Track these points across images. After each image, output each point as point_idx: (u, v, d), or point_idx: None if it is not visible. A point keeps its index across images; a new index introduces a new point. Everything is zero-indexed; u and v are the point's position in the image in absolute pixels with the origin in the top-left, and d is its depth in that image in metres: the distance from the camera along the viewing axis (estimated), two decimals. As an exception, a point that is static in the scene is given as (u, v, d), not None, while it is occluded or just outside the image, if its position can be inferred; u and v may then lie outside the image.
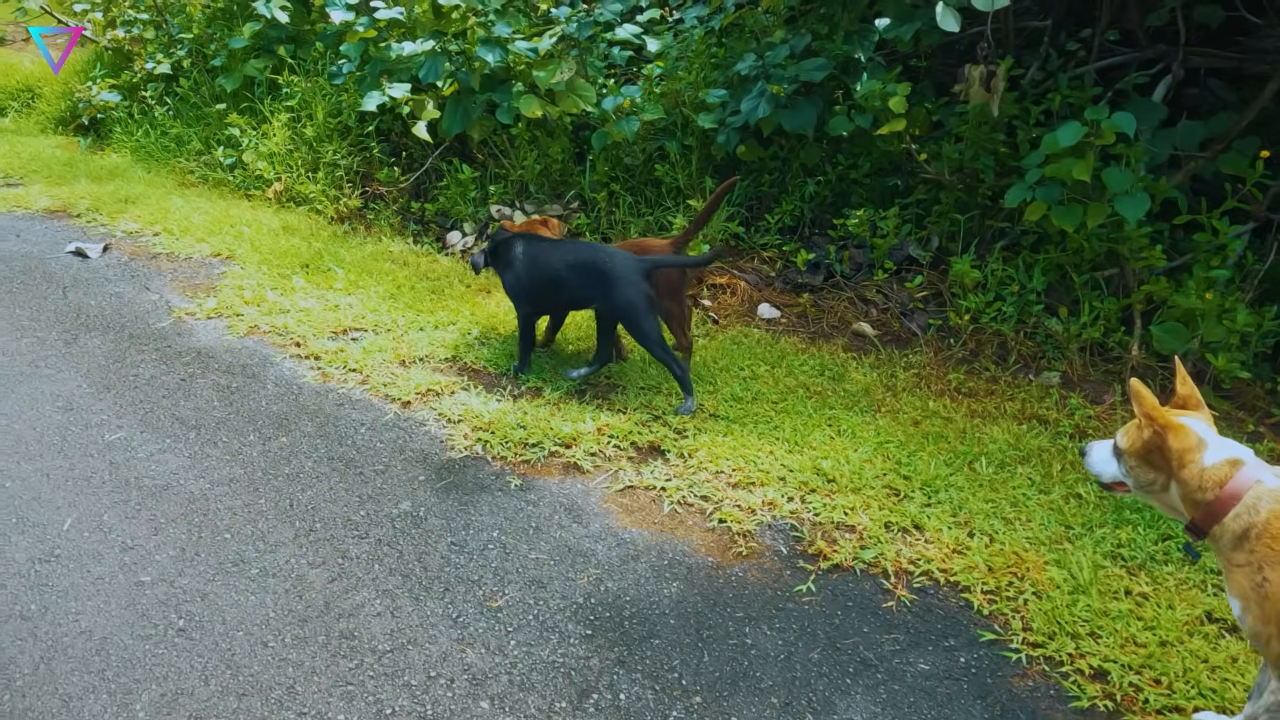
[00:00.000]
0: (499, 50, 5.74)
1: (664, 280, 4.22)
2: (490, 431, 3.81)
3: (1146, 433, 2.23)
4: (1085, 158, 4.40)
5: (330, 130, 6.87)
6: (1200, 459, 2.18)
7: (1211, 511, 2.16)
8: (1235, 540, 2.13)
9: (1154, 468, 2.26)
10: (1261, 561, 2.07)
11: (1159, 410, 2.22)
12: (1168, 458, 2.21)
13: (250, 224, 6.17)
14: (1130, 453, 2.29)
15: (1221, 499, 2.14)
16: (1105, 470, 2.40)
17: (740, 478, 3.56)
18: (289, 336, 4.63)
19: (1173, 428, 2.19)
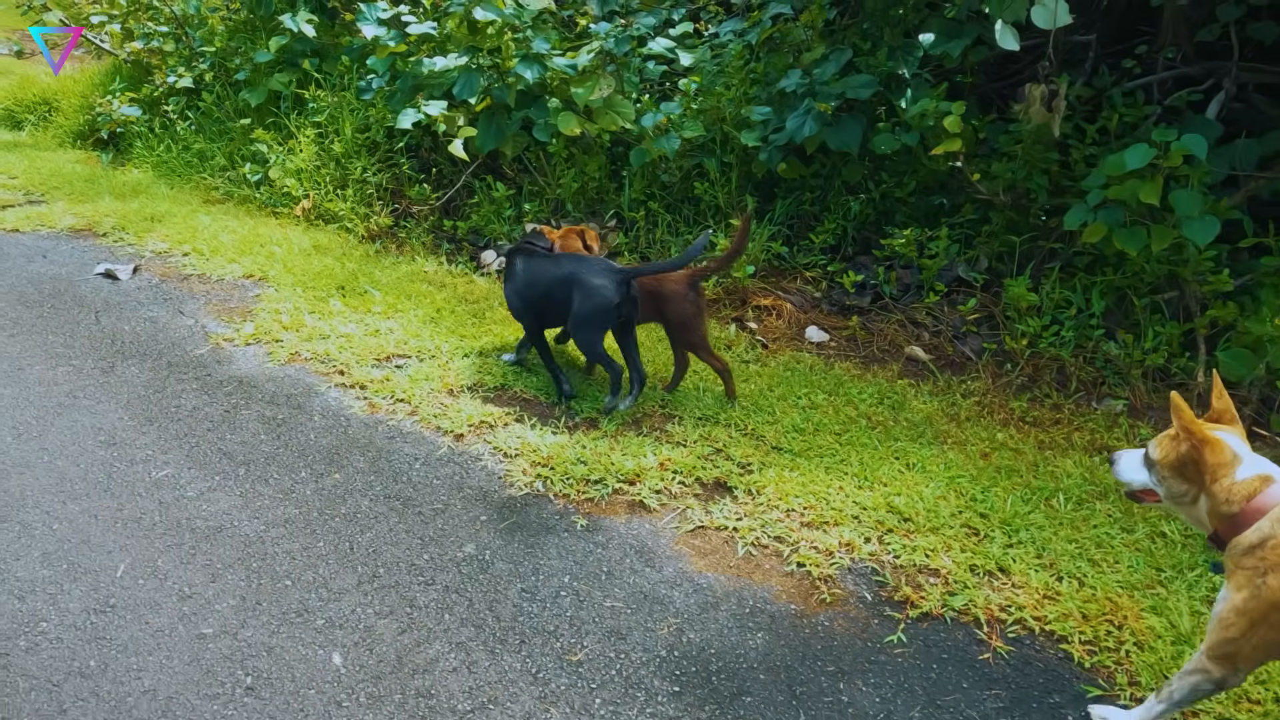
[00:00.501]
0: (538, 66, 5.62)
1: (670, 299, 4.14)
2: (550, 467, 3.68)
3: (1184, 446, 2.25)
4: (1153, 180, 4.28)
5: (358, 146, 6.75)
6: (1233, 474, 2.21)
7: (1235, 524, 2.19)
8: (1248, 548, 2.16)
9: (1187, 480, 2.28)
10: (1268, 567, 2.11)
11: (1197, 424, 2.24)
12: (1202, 471, 2.24)
13: (280, 243, 6.04)
14: (1164, 464, 2.31)
15: (1247, 512, 2.17)
16: (1135, 479, 2.42)
17: (813, 516, 3.43)
18: (332, 364, 4.50)
19: (1210, 442, 2.22)
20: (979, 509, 3.49)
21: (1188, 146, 4.19)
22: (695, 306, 4.15)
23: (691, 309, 4.14)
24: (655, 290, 4.19)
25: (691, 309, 4.14)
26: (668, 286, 4.17)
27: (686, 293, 4.14)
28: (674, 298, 4.15)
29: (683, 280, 4.16)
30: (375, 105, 6.75)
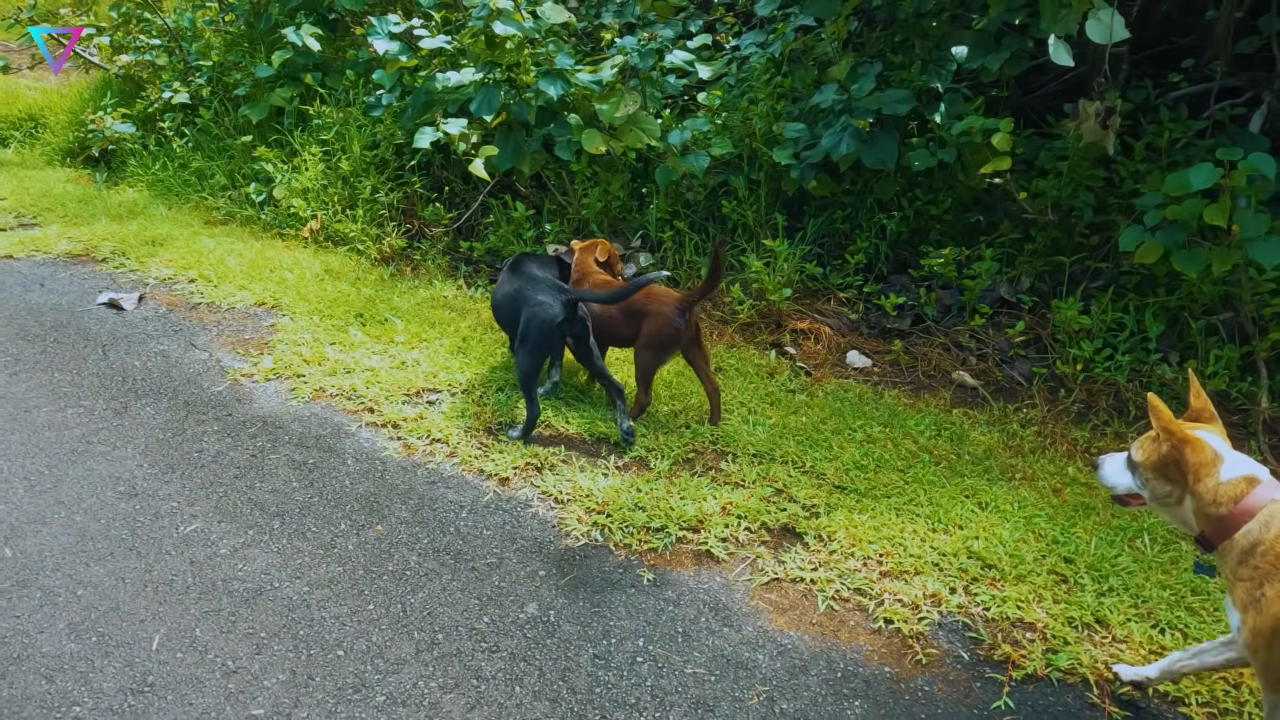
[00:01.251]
0: (561, 82, 5.40)
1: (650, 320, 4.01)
2: (606, 514, 3.46)
3: (1164, 446, 2.26)
4: (1219, 200, 4.12)
5: (366, 164, 6.50)
6: (1216, 473, 2.20)
7: (1224, 526, 2.18)
8: (1241, 555, 2.14)
9: (1170, 481, 2.28)
10: (1262, 577, 2.09)
11: (1176, 424, 2.25)
12: (1184, 471, 2.23)
13: (291, 268, 5.78)
14: (1146, 465, 2.31)
15: (1235, 514, 2.16)
16: (1119, 482, 2.42)
17: (891, 564, 3.23)
18: (360, 401, 4.26)
19: (1190, 441, 2.22)
20: (1062, 552, 3.31)
21: (1255, 166, 4.04)
22: (676, 331, 3.97)
23: (670, 332, 3.97)
24: (640, 310, 4.03)
25: (670, 332, 3.97)
26: (654, 306, 4.00)
27: (672, 316, 3.97)
28: (656, 316, 3.99)
29: (671, 303, 3.99)
30: (384, 121, 6.50)
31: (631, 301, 4.09)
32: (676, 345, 4.02)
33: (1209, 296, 4.62)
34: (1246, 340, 4.54)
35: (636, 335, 4.11)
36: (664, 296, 4.05)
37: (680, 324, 3.97)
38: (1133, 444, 2.40)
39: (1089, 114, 4.49)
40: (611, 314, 4.17)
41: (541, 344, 3.93)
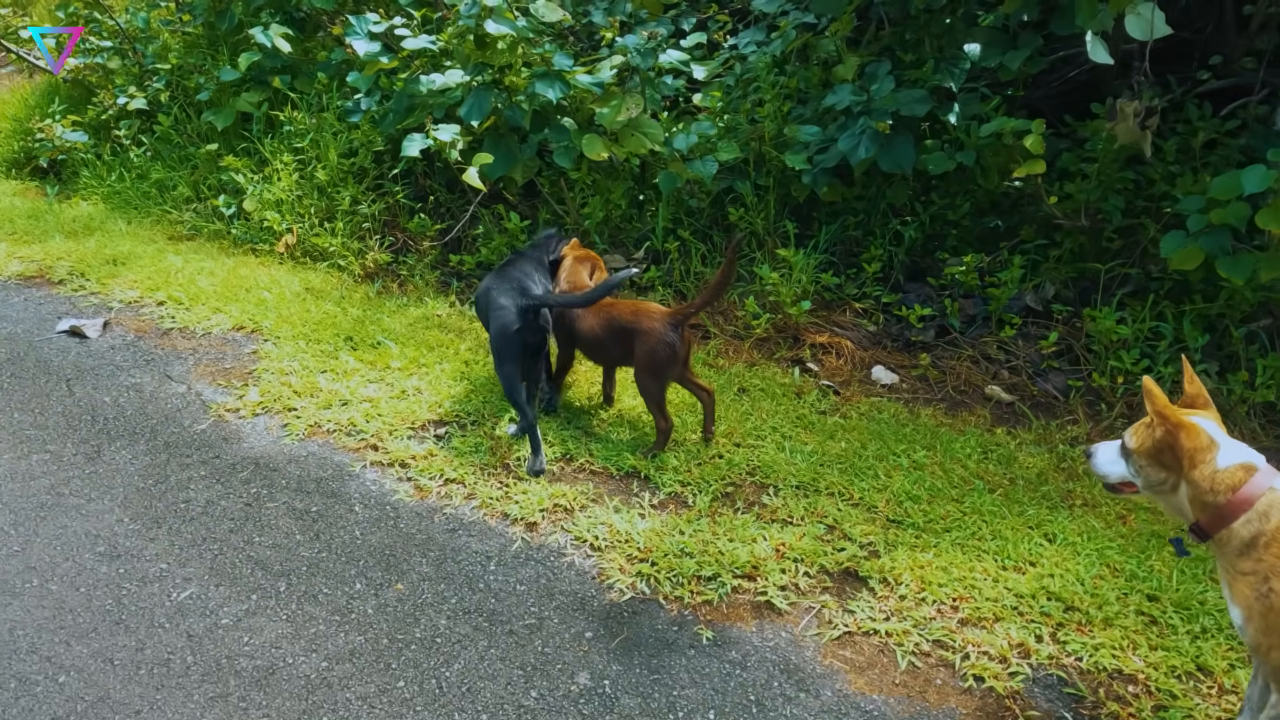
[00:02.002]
0: (560, 85, 5.06)
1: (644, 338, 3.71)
2: (651, 562, 3.14)
3: (1159, 431, 2.21)
4: (1272, 204, 3.92)
5: (344, 173, 6.09)
6: (1213, 460, 2.16)
7: (1221, 515, 2.13)
8: (1243, 547, 2.09)
9: (1164, 467, 2.24)
10: (1269, 571, 2.03)
11: (1171, 409, 2.19)
12: (1179, 457, 2.19)
13: (269, 286, 5.36)
14: (1140, 452, 2.28)
15: (1234, 503, 2.11)
16: (1112, 471, 2.38)
17: (969, 611, 2.96)
18: (361, 437, 3.89)
19: (1185, 427, 2.17)
20: (1144, 589, 3.07)
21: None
22: (671, 349, 3.68)
23: (665, 351, 3.67)
24: (629, 327, 3.73)
25: (665, 351, 3.67)
26: (644, 323, 3.71)
27: (664, 333, 3.68)
28: (648, 335, 3.69)
29: (662, 319, 3.70)
30: (360, 128, 6.10)
31: (618, 318, 3.81)
32: (675, 364, 3.73)
33: (1249, 303, 4.43)
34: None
35: (626, 355, 3.83)
36: (654, 312, 3.75)
37: (675, 340, 3.68)
38: (1126, 431, 2.36)
39: (1126, 114, 4.27)
40: (596, 333, 3.87)
41: (504, 352, 3.74)
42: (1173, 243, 4.26)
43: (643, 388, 3.80)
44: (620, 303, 3.97)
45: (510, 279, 3.98)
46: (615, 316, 3.85)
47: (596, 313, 3.92)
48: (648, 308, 3.81)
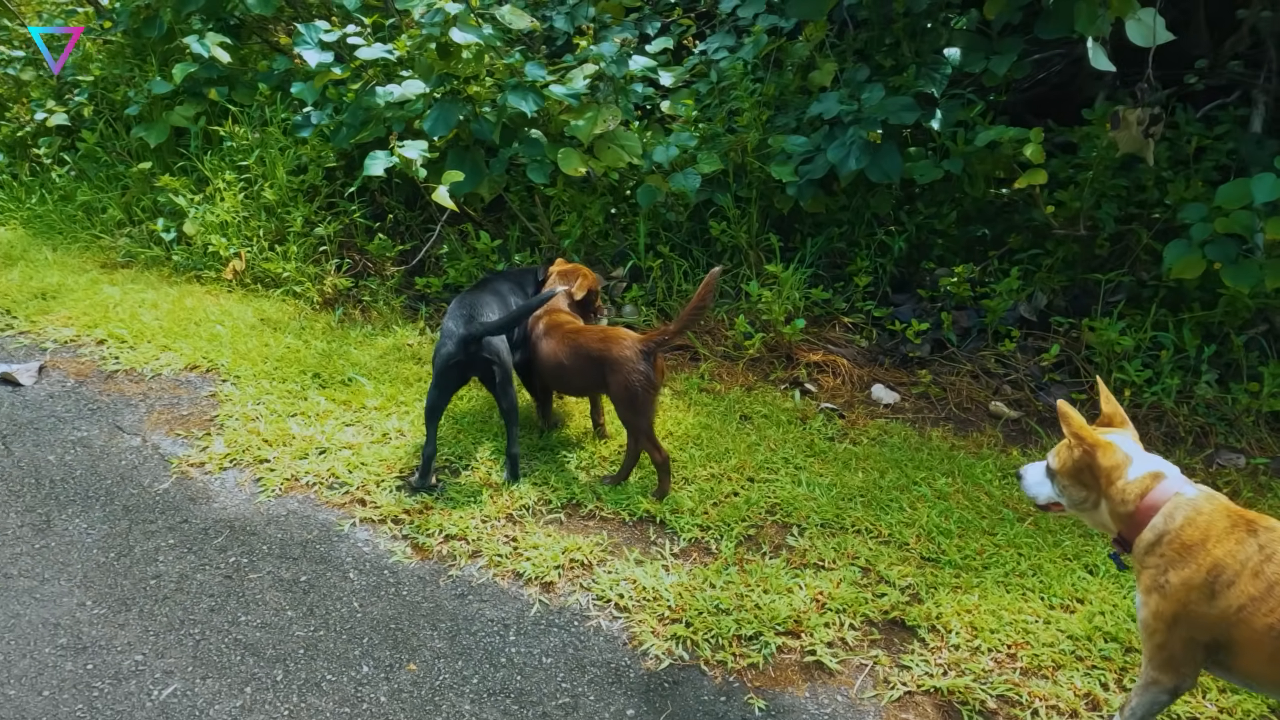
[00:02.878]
0: (534, 96, 4.76)
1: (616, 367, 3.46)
2: (685, 622, 2.90)
3: (1077, 452, 2.31)
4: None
5: (293, 192, 5.69)
6: (1125, 474, 2.27)
7: (1135, 522, 2.25)
8: (1149, 546, 2.23)
9: (1085, 486, 2.34)
10: (1168, 565, 2.19)
11: (1087, 429, 2.31)
12: (1097, 475, 2.30)
13: (220, 319, 4.95)
14: (1062, 473, 2.37)
15: (1142, 509, 2.24)
16: (1040, 492, 2.49)
17: (1027, 659, 2.80)
18: (346, 490, 3.55)
19: (1100, 446, 2.29)
20: (1197, 623, 2.93)
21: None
22: (646, 379, 3.44)
23: (640, 381, 3.44)
24: (600, 356, 3.49)
25: (640, 381, 3.44)
26: (615, 351, 3.47)
27: (636, 362, 3.44)
28: (620, 366, 3.45)
29: (634, 346, 3.46)
30: (310, 142, 5.71)
31: (585, 345, 3.58)
32: (653, 392, 3.48)
33: (1248, 310, 4.39)
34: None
35: (594, 385, 3.61)
36: (625, 340, 3.50)
37: (648, 371, 3.44)
38: (1050, 453, 2.44)
39: (1130, 122, 4.18)
40: (560, 359, 3.63)
41: (439, 381, 3.55)
42: (1176, 251, 4.18)
43: (626, 424, 3.56)
44: (588, 328, 3.72)
45: (468, 303, 3.73)
46: (582, 344, 3.61)
47: (561, 338, 3.68)
48: (618, 335, 3.56)
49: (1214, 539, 2.15)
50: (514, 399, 3.65)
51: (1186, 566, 2.15)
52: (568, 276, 3.95)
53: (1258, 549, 2.10)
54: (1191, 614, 2.14)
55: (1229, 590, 2.10)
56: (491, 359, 3.58)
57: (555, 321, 3.80)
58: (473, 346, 3.52)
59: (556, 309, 3.85)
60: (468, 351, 3.52)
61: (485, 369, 3.59)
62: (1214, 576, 2.12)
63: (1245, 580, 2.08)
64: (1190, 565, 2.15)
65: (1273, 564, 2.07)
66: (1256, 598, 2.06)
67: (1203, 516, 2.19)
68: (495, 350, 3.61)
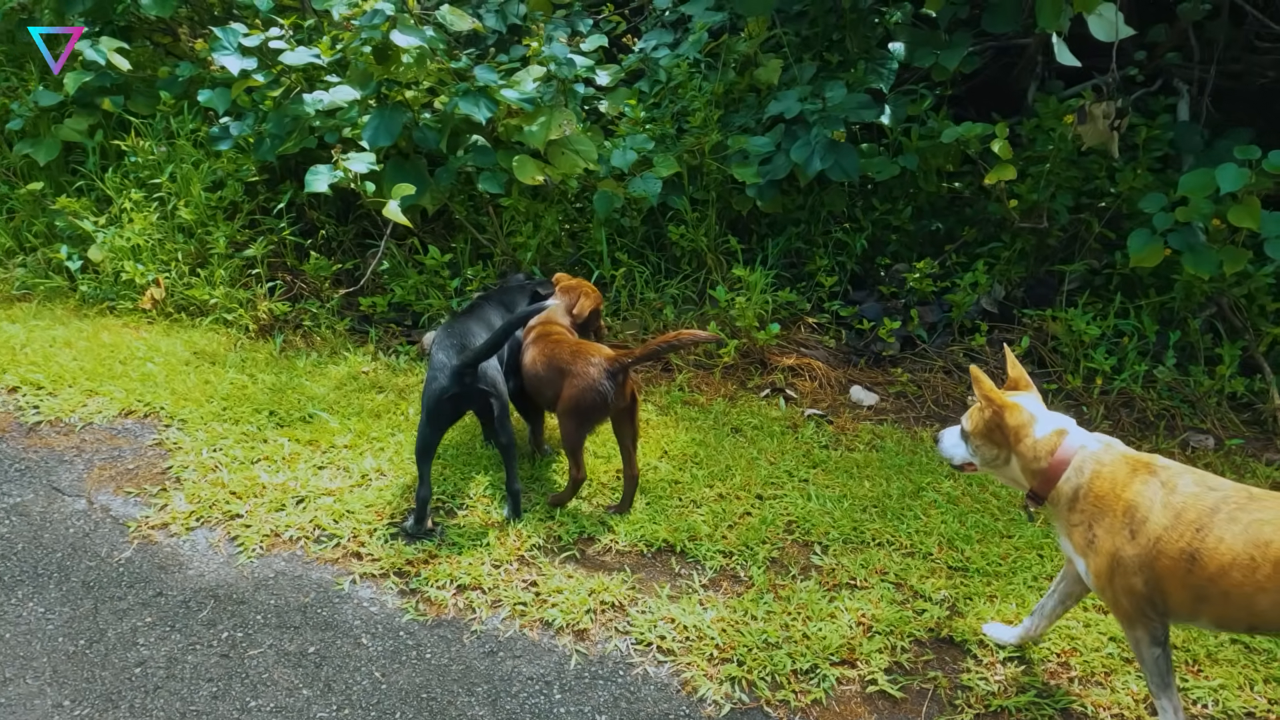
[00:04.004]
0: (486, 102, 4.50)
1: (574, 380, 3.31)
2: (736, 660, 2.76)
3: (987, 413, 2.51)
4: (1245, 201, 3.99)
5: (212, 209, 5.23)
6: (1033, 432, 2.46)
7: (1047, 477, 2.43)
8: (1069, 502, 2.40)
9: (995, 444, 2.53)
10: (1090, 520, 2.36)
11: (995, 392, 2.52)
12: (1006, 434, 2.49)
13: (148, 355, 4.50)
14: (975, 433, 2.57)
15: (1054, 465, 2.42)
16: (955, 453, 2.68)
17: (1080, 666, 2.80)
18: (337, 543, 3.25)
19: (1008, 406, 2.50)
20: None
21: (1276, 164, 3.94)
22: (599, 398, 3.26)
23: (593, 399, 3.26)
24: (562, 369, 3.35)
25: (593, 399, 3.26)
26: (579, 365, 3.31)
27: (597, 379, 3.27)
28: (578, 379, 3.29)
29: (600, 364, 3.29)
30: (224, 156, 5.26)
31: (558, 356, 3.41)
32: (603, 413, 3.32)
33: (1204, 295, 4.55)
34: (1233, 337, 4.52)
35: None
36: (593, 355, 3.34)
37: (607, 389, 3.26)
38: (963, 416, 2.65)
39: (1096, 117, 4.25)
40: (538, 370, 3.47)
41: (431, 417, 3.29)
42: (1139, 241, 4.28)
43: (562, 430, 3.39)
44: (567, 340, 3.54)
45: (457, 331, 3.49)
46: (555, 354, 3.45)
47: (542, 347, 3.51)
48: (588, 350, 3.40)
49: (1121, 484, 2.33)
50: (512, 433, 3.43)
51: (1105, 516, 2.33)
52: (570, 293, 3.74)
53: (1160, 485, 2.30)
54: (1123, 560, 2.29)
55: (1145, 526, 2.27)
56: (488, 390, 3.35)
57: (544, 331, 3.62)
58: (467, 378, 3.28)
59: (552, 320, 3.65)
60: (462, 384, 3.28)
61: (482, 401, 3.35)
62: (1129, 518, 2.29)
63: (1157, 514, 2.27)
64: (1108, 514, 2.33)
65: (1176, 495, 2.27)
66: (1169, 526, 2.25)
67: (1107, 467, 2.37)
68: (492, 381, 3.37)
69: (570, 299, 3.74)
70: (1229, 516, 2.20)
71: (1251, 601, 2.17)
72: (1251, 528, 2.17)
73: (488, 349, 3.32)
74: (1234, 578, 2.17)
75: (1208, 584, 2.20)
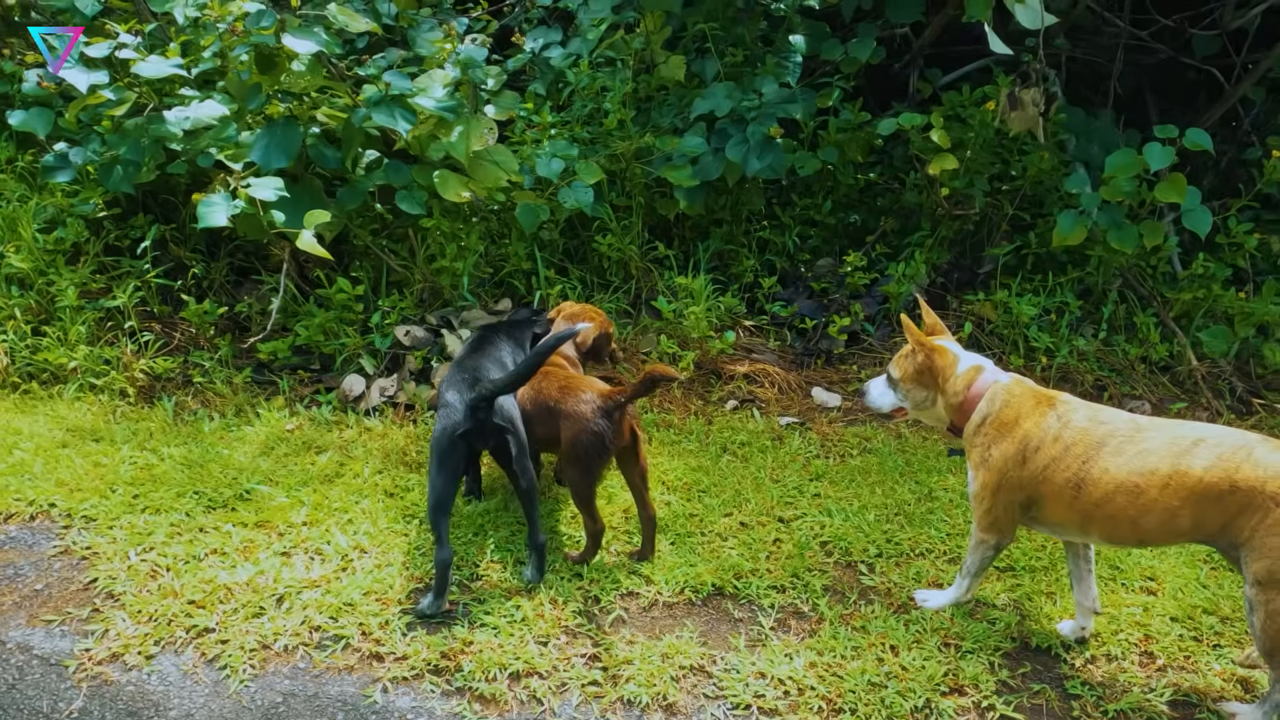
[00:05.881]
0: (403, 112, 3.98)
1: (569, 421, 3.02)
2: (849, 709, 2.55)
3: (920, 357, 2.77)
4: (1172, 178, 4.22)
5: (50, 254, 4.38)
6: (956, 369, 2.75)
7: (964, 410, 2.72)
8: (975, 428, 2.70)
9: (925, 386, 2.80)
10: (990, 442, 2.65)
11: (925, 338, 2.79)
12: (935, 375, 2.76)
13: (11, 440, 3.67)
14: (905, 379, 2.83)
15: (970, 398, 2.70)
16: (884, 402, 2.95)
17: (1162, 655, 2.82)
18: (345, 645, 2.72)
19: (937, 349, 2.77)
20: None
21: (1199, 141, 4.18)
22: (598, 439, 2.96)
23: (591, 442, 2.96)
24: (554, 408, 3.07)
25: (591, 442, 2.96)
26: (570, 404, 3.03)
27: (591, 419, 2.98)
28: (572, 419, 3.00)
29: (592, 401, 3.01)
30: (55, 193, 4.42)
31: (544, 394, 3.13)
32: (605, 455, 3.00)
33: (1116, 270, 4.80)
34: (1146, 305, 4.81)
35: (551, 438, 3.12)
36: (583, 392, 3.04)
37: (604, 429, 2.96)
38: (889, 365, 2.90)
39: (1026, 103, 4.35)
40: (524, 408, 3.16)
41: (444, 461, 2.93)
42: (1069, 220, 4.45)
43: (568, 481, 3.09)
44: (555, 374, 3.20)
45: (469, 368, 3.14)
46: (543, 390, 3.14)
47: (532, 382, 3.16)
48: (578, 385, 3.10)
49: (1024, 415, 2.61)
50: (533, 476, 3.05)
51: (1004, 441, 2.61)
52: (574, 321, 3.36)
53: (1057, 419, 2.58)
54: (1009, 479, 2.60)
55: (1036, 455, 2.56)
56: (505, 426, 2.96)
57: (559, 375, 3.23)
58: (482, 413, 2.90)
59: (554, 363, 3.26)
60: (477, 419, 2.89)
61: (498, 438, 2.97)
62: (1024, 445, 2.58)
63: (1048, 445, 2.55)
64: (1007, 440, 2.61)
65: (1069, 430, 2.55)
66: (1057, 457, 2.54)
67: (1015, 399, 2.65)
68: (509, 417, 2.99)
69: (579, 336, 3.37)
70: (1115, 450, 2.48)
71: (1137, 522, 2.46)
72: (1136, 459, 2.45)
73: (510, 383, 2.94)
74: (1118, 502, 2.46)
75: (1093, 508, 2.50)
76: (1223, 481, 2.34)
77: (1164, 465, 2.41)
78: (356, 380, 4.26)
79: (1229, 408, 4.42)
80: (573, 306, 3.55)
